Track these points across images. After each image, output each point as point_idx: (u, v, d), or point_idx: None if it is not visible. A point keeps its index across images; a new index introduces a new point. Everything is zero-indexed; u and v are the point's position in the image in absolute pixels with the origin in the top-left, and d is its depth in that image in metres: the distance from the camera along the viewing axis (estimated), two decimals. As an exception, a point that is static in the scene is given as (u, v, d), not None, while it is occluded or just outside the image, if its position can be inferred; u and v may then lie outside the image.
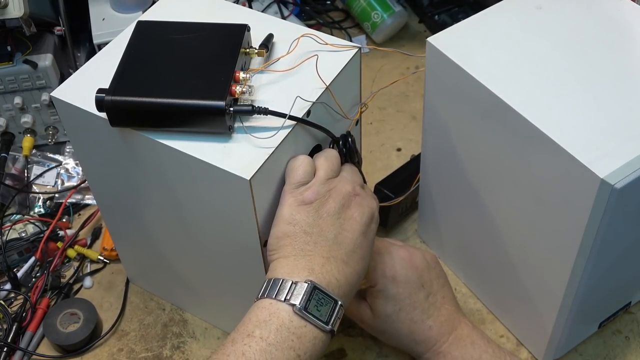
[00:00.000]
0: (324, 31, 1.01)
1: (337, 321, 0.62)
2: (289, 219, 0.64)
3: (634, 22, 0.73)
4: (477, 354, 0.73)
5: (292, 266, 0.62)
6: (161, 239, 0.78)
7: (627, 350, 0.82)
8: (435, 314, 0.75)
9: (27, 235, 0.93)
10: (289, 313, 0.60)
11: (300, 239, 0.63)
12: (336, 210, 0.65)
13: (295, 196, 0.64)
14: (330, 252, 0.63)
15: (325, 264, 0.63)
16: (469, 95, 0.70)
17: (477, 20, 0.74)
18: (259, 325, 0.60)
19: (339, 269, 0.63)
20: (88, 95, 0.65)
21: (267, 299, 0.61)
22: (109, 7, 1.02)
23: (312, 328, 0.61)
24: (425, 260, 0.76)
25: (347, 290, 0.64)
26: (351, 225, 0.65)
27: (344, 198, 0.65)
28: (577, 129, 0.63)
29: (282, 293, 0.61)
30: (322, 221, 0.64)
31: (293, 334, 0.59)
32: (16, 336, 0.84)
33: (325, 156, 0.67)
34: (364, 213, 0.66)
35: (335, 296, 0.62)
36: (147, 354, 0.84)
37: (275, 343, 0.59)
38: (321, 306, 0.61)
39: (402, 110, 1.10)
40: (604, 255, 0.66)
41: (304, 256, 0.63)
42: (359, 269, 0.66)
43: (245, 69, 0.68)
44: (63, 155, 1.03)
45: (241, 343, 0.59)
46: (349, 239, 0.65)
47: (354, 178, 0.68)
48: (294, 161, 0.66)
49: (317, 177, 0.65)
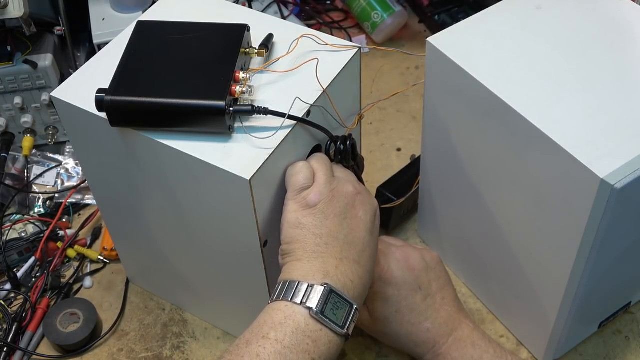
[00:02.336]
0: (324, 31, 1.01)
1: (352, 325, 0.62)
2: (296, 224, 0.64)
3: (634, 22, 0.73)
4: (477, 355, 0.73)
5: (306, 269, 0.62)
6: (161, 239, 0.78)
7: (627, 350, 0.82)
8: (433, 315, 0.74)
9: (27, 235, 0.93)
10: (305, 316, 0.60)
11: (310, 241, 0.63)
12: (342, 210, 0.65)
13: (298, 201, 0.64)
14: (342, 252, 0.63)
15: (339, 265, 0.63)
16: (469, 95, 0.70)
17: (477, 20, 0.74)
18: (275, 327, 0.59)
19: (352, 270, 0.63)
20: (88, 95, 0.65)
21: (283, 302, 0.61)
22: (109, 7, 1.02)
23: (328, 332, 0.60)
24: (423, 261, 0.76)
25: (362, 291, 0.64)
26: (358, 225, 0.65)
27: (346, 198, 0.65)
28: (577, 129, 0.63)
29: (298, 296, 0.60)
30: (329, 222, 0.64)
31: (308, 337, 0.59)
32: (16, 336, 0.84)
33: (317, 159, 0.67)
34: (368, 211, 0.67)
35: (351, 300, 0.62)
36: (147, 354, 0.84)
37: (290, 346, 0.58)
38: (337, 310, 0.61)
39: (402, 110, 1.10)
40: (604, 255, 0.66)
41: (317, 258, 0.63)
42: (370, 268, 0.66)
43: (245, 69, 0.68)
44: (63, 155, 1.03)
45: (256, 344, 0.58)
46: (358, 238, 0.65)
47: (349, 177, 0.68)
48: (293, 168, 0.66)
49: (318, 180, 0.65)
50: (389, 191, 0.90)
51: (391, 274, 0.73)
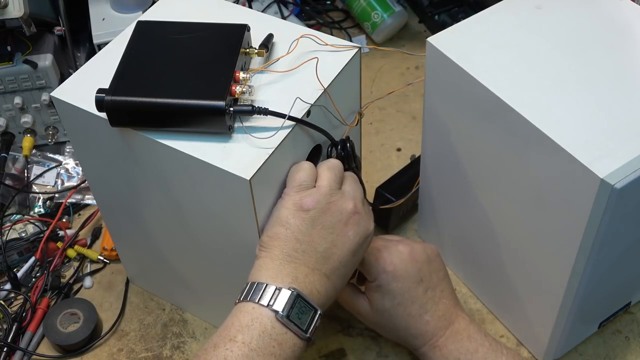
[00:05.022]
0: (324, 31, 1.01)
1: (315, 329, 0.63)
2: (283, 221, 0.64)
3: (634, 22, 0.73)
4: (473, 348, 0.74)
5: (277, 270, 0.63)
6: (161, 239, 0.78)
7: (627, 350, 0.82)
8: (433, 308, 0.75)
9: (27, 235, 0.93)
10: (271, 319, 0.61)
11: (290, 244, 0.64)
12: (331, 224, 0.65)
13: (294, 200, 0.64)
14: (315, 264, 0.64)
15: (309, 274, 0.63)
16: (469, 95, 0.70)
17: (477, 20, 0.74)
18: (242, 330, 0.60)
19: (321, 282, 0.64)
20: (88, 95, 0.65)
21: (250, 303, 0.61)
22: (109, 7, 1.02)
23: (292, 335, 0.61)
24: (425, 253, 0.76)
25: (325, 302, 0.65)
26: (343, 243, 0.65)
27: (341, 214, 0.65)
28: (577, 129, 0.63)
29: (264, 298, 0.61)
30: (315, 232, 0.64)
31: (274, 340, 0.60)
32: (16, 336, 0.84)
33: (329, 166, 0.67)
34: (359, 233, 0.66)
35: (315, 305, 0.63)
36: (147, 354, 0.84)
37: (257, 349, 0.59)
38: (302, 314, 0.62)
39: (402, 110, 1.10)
40: (604, 255, 0.66)
41: (290, 262, 0.63)
42: (338, 285, 0.67)
43: (245, 69, 0.68)
44: (63, 155, 1.03)
45: (223, 348, 0.59)
46: (337, 255, 0.65)
47: (355, 194, 0.67)
48: (297, 166, 0.66)
49: (320, 187, 0.65)
50: (388, 192, 0.90)
51: (394, 266, 0.73)
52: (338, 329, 0.85)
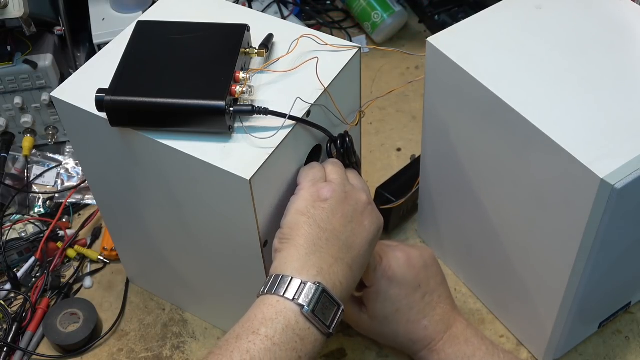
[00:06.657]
0: (324, 31, 1.01)
1: (337, 325, 0.62)
2: (304, 211, 0.64)
3: (634, 22, 0.73)
4: (470, 351, 0.74)
5: (302, 262, 0.62)
6: (161, 239, 0.78)
7: (627, 350, 0.82)
8: (431, 313, 0.75)
9: (27, 235, 0.93)
10: (295, 313, 0.60)
11: (314, 231, 0.63)
12: (350, 213, 0.65)
13: (311, 192, 0.65)
14: (339, 253, 0.63)
15: (333, 265, 0.63)
16: (469, 95, 0.70)
17: (477, 20, 0.74)
18: (265, 322, 0.59)
19: (344, 273, 0.64)
20: (88, 95, 0.65)
21: (275, 296, 0.61)
22: (109, 7, 1.02)
23: (315, 331, 0.61)
24: (422, 259, 0.76)
25: (347, 295, 0.65)
26: (361, 232, 0.65)
27: (357, 204, 0.66)
28: (577, 129, 0.63)
29: (290, 291, 0.60)
30: (335, 220, 0.64)
31: (297, 335, 0.59)
32: (16, 336, 0.84)
33: (333, 162, 0.68)
34: (374, 223, 0.67)
35: (339, 300, 0.62)
36: (147, 354, 0.84)
37: (280, 343, 0.58)
38: (326, 310, 0.61)
39: (402, 110, 1.10)
40: (604, 255, 0.66)
41: (315, 252, 0.62)
42: (357, 276, 0.66)
43: (245, 69, 0.68)
44: (63, 155, 1.03)
45: (246, 340, 0.58)
46: (357, 244, 0.65)
47: (364, 187, 0.69)
48: (308, 165, 0.67)
49: (334, 179, 0.66)
50: (388, 192, 0.90)
51: (393, 272, 0.73)
52: (338, 328, 0.85)
